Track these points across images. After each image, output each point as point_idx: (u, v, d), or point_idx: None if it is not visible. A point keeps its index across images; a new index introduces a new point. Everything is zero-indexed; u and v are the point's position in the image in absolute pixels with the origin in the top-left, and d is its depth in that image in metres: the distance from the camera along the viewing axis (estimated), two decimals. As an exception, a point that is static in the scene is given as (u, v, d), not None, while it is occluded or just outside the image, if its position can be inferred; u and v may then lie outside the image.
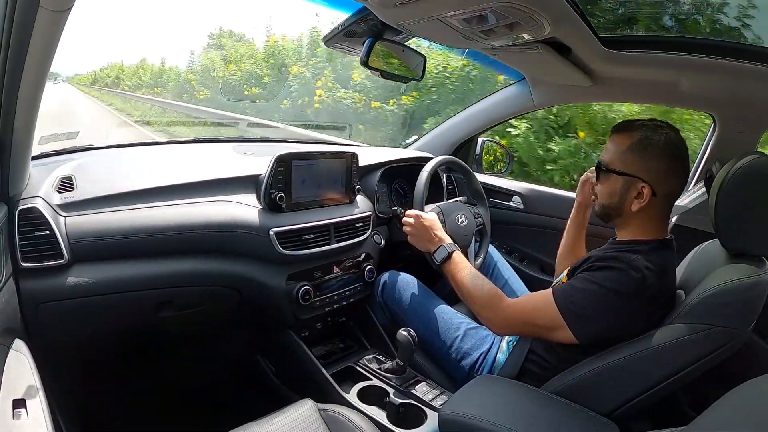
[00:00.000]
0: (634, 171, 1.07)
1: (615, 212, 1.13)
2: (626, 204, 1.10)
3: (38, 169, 1.21)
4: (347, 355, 1.52)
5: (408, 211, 1.46)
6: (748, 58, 1.20)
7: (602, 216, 1.17)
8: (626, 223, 1.13)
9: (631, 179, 1.08)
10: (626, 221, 1.13)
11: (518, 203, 1.99)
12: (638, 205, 1.08)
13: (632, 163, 1.08)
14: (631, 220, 1.12)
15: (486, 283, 1.23)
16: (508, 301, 1.17)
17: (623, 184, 1.09)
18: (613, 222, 1.16)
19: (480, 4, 0.93)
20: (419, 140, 2.20)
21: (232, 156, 1.59)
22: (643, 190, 1.07)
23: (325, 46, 1.38)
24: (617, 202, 1.11)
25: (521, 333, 1.22)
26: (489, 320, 1.20)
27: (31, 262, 1.07)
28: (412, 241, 1.43)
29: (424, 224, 1.40)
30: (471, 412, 0.96)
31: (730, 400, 0.69)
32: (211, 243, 1.29)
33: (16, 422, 0.73)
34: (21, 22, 0.79)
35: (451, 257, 1.31)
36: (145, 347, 1.40)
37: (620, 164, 1.09)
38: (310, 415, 1.02)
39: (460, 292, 1.27)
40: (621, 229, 1.16)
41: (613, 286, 1.01)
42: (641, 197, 1.07)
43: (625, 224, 1.14)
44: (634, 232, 1.12)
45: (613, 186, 1.11)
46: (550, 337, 1.11)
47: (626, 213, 1.11)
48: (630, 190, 1.08)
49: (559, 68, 1.39)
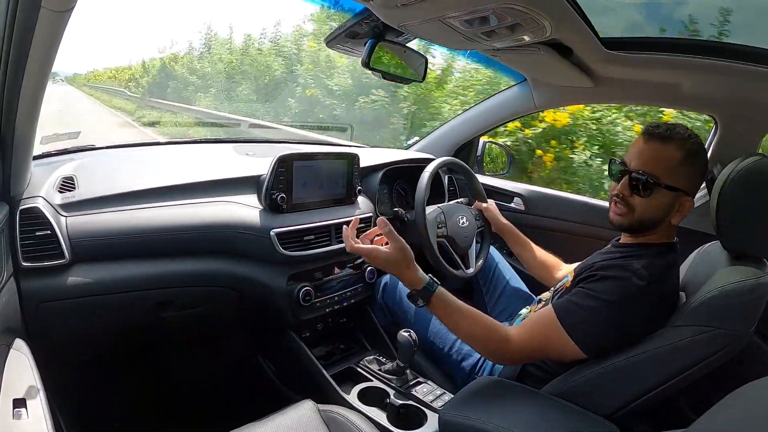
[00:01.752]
0: (683, 186, 1.03)
1: (654, 225, 1.06)
2: (669, 218, 1.06)
3: (40, 169, 1.22)
4: (348, 355, 1.52)
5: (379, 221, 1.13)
6: (750, 59, 1.20)
7: (633, 230, 1.09)
8: (649, 232, 1.09)
9: (679, 194, 1.03)
10: (650, 231, 1.08)
11: (519, 204, 1.99)
12: (679, 218, 1.05)
13: (683, 177, 1.03)
14: (657, 230, 1.08)
15: (479, 317, 1.07)
16: (511, 333, 1.06)
17: (672, 198, 1.03)
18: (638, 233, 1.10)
19: (482, 6, 0.93)
20: (420, 142, 2.20)
21: (234, 156, 1.60)
22: (686, 203, 1.04)
23: (327, 47, 1.38)
24: (661, 217, 1.05)
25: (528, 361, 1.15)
26: (495, 359, 1.15)
27: (32, 262, 1.07)
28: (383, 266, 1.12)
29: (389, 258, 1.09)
30: (471, 413, 0.96)
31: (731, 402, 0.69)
32: (211, 243, 1.29)
33: (16, 422, 0.73)
34: (23, 23, 0.79)
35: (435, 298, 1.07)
36: (146, 347, 1.40)
37: (671, 178, 1.02)
38: (310, 415, 1.02)
39: (458, 334, 1.13)
40: (636, 236, 1.11)
41: (616, 298, 0.99)
42: (683, 210, 1.04)
43: (645, 233, 1.09)
44: (645, 237, 1.09)
45: (661, 200, 1.03)
46: (560, 358, 1.06)
47: (663, 225, 1.06)
48: (675, 204, 1.04)
49: (561, 69, 1.39)
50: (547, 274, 1.51)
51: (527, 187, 2.04)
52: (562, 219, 1.90)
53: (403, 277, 1.09)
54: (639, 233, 1.09)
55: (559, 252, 1.57)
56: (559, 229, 1.90)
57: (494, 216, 1.66)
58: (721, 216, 0.98)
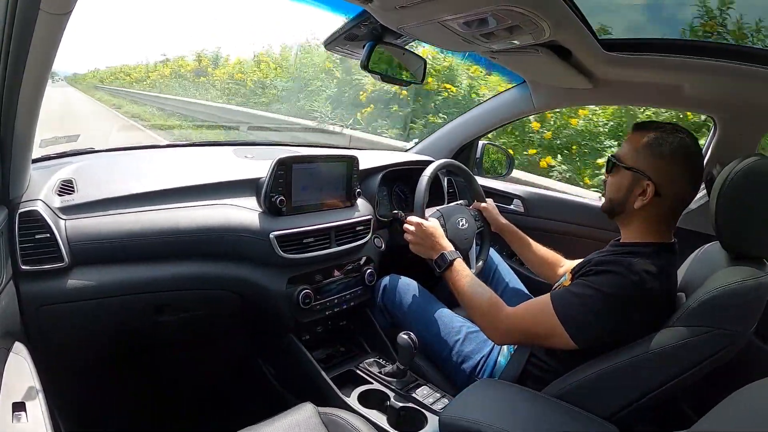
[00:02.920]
0: (641, 167, 1.09)
1: (619, 207, 1.14)
2: (630, 200, 1.11)
3: (39, 172, 1.22)
4: (348, 358, 1.52)
5: (409, 217, 1.46)
6: (749, 60, 1.20)
7: (608, 210, 1.18)
8: (629, 221, 1.14)
9: (637, 175, 1.09)
10: (629, 219, 1.14)
11: (519, 207, 1.99)
12: (641, 203, 1.09)
13: (642, 160, 1.09)
14: (633, 218, 1.12)
15: (486, 291, 1.23)
16: (508, 311, 1.17)
17: (631, 179, 1.10)
18: (617, 219, 1.17)
19: (481, 8, 0.93)
20: (420, 144, 2.20)
21: (233, 159, 1.59)
22: (648, 188, 1.08)
23: (326, 49, 1.39)
24: (622, 197, 1.12)
25: (520, 343, 1.22)
26: (488, 331, 1.21)
27: (31, 265, 1.07)
28: (414, 249, 1.44)
29: (425, 232, 1.40)
30: (472, 416, 0.96)
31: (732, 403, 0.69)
32: (211, 246, 1.29)
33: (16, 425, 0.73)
34: (22, 25, 0.79)
35: (452, 265, 1.32)
36: (146, 350, 1.40)
37: (630, 160, 1.11)
38: (310, 418, 1.02)
39: (461, 300, 1.28)
40: (624, 229, 1.17)
41: (611, 290, 1.01)
42: (645, 195, 1.08)
43: (628, 223, 1.15)
44: (637, 233, 1.12)
45: (621, 180, 1.12)
46: (549, 344, 1.11)
47: (629, 210, 1.12)
48: (635, 186, 1.09)
49: (560, 71, 1.39)
50: (549, 271, 1.53)
51: (526, 189, 2.04)
52: (561, 221, 1.90)
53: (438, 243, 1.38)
54: (612, 216, 1.19)
55: (560, 254, 1.57)
56: (558, 230, 1.90)
57: (493, 216, 1.67)
58: (720, 216, 0.98)
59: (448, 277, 1.32)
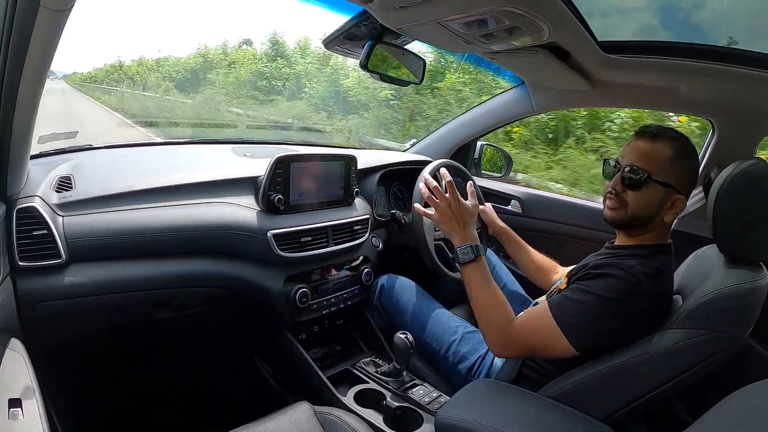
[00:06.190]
0: (674, 182, 1.05)
1: (645, 222, 1.09)
2: (661, 215, 1.07)
3: (37, 168, 1.21)
4: (344, 357, 1.52)
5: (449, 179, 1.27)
6: (747, 63, 1.21)
7: (626, 225, 1.12)
8: (643, 231, 1.10)
9: (669, 189, 1.05)
10: (645, 230, 1.10)
11: (516, 207, 1.99)
12: (672, 216, 1.07)
13: (674, 174, 1.05)
14: (651, 229, 1.10)
15: (502, 303, 1.14)
16: (515, 321, 1.12)
17: (664, 194, 1.05)
18: (633, 231, 1.12)
19: (480, 8, 0.93)
20: (418, 144, 2.20)
21: (231, 157, 1.59)
22: (678, 201, 1.06)
23: (325, 48, 1.38)
24: (653, 213, 1.07)
25: (522, 356, 1.18)
26: (492, 343, 1.15)
27: (28, 262, 1.06)
28: (440, 219, 1.25)
29: (466, 209, 1.24)
30: (467, 416, 0.96)
31: (727, 405, 0.69)
32: (208, 244, 1.29)
33: (11, 422, 0.73)
34: (21, 22, 0.79)
35: (477, 262, 1.19)
36: (142, 348, 1.40)
37: (663, 174, 1.05)
38: (306, 417, 1.02)
39: (473, 302, 1.19)
40: (629, 235, 1.13)
41: (609, 294, 1.00)
42: (675, 208, 1.06)
43: (642, 232, 1.11)
44: (639, 238, 1.11)
45: (652, 196, 1.06)
46: (551, 355, 1.08)
47: (656, 223, 1.08)
48: (667, 200, 1.06)
49: (559, 73, 1.40)
50: (544, 277, 1.52)
51: (524, 190, 2.04)
52: (558, 222, 1.90)
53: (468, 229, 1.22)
54: (633, 230, 1.12)
55: (556, 255, 1.57)
56: (555, 231, 1.90)
57: (491, 219, 1.66)
58: (717, 219, 0.98)
59: (467, 271, 1.19)
